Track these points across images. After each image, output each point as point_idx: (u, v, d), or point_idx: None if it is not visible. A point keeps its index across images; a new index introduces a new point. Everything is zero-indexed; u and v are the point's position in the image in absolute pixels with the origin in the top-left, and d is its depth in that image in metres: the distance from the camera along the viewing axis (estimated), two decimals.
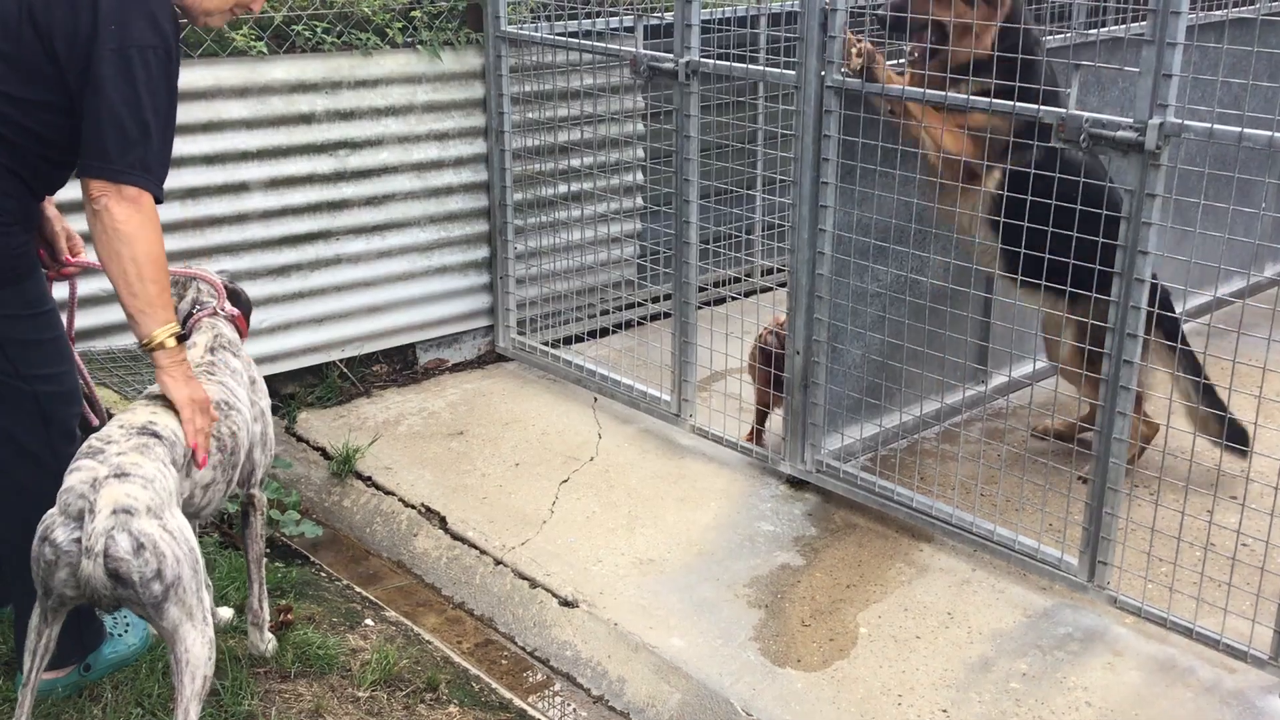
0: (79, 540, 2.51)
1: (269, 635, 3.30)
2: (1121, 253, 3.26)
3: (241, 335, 3.23)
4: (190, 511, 2.84)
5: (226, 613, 3.40)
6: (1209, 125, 3.10)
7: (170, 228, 4.53)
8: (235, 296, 3.31)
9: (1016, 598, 3.65)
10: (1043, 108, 3.38)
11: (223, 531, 4.08)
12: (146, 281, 2.72)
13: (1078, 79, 3.40)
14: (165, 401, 2.82)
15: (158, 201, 2.76)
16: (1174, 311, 4.03)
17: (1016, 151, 3.70)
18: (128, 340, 4.51)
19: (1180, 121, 3.13)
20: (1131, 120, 3.18)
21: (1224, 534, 3.49)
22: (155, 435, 2.70)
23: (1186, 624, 3.35)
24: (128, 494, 2.53)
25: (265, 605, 3.28)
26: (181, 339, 2.84)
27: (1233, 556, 3.37)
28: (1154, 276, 3.33)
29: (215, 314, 3.20)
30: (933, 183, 3.96)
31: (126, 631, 3.22)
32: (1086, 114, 3.25)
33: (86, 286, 4.42)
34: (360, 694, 3.25)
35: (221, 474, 2.94)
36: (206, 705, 3.02)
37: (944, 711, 3.23)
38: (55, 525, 2.56)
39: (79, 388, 3.05)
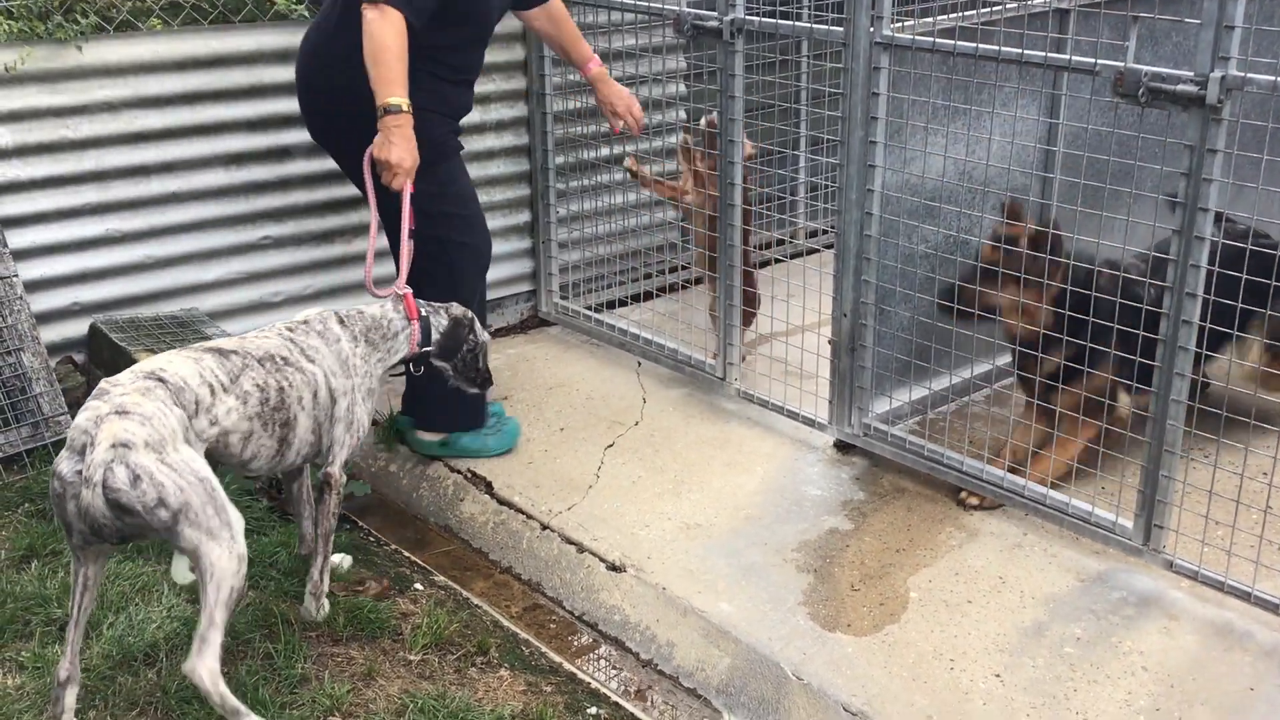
0: (80, 472, 2.62)
1: (324, 603, 3.32)
2: (1181, 210, 3.19)
3: (410, 315, 3.41)
4: (234, 461, 3.00)
5: (345, 560, 3.61)
6: (1273, 78, 3.01)
7: (214, 194, 4.55)
8: (455, 324, 3.56)
9: (1069, 562, 3.61)
10: (1099, 61, 3.30)
11: (270, 496, 4.10)
12: (379, 64, 3.51)
13: (1135, 32, 3.31)
14: (190, 353, 2.97)
15: (411, 24, 3.55)
16: None
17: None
18: (173, 307, 4.54)
19: (1243, 75, 3.04)
20: (1192, 74, 3.09)
21: None
22: (160, 380, 2.81)
23: (1244, 587, 3.30)
24: (125, 429, 2.64)
25: (326, 577, 3.32)
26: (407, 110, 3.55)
27: None
28: None
29: (408, 297, 3.43)
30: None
31: (492, 434, 4.27)
32: (1145, 68, 3.17)
33: (131, 255, 4.46)
34: (411, 657, 3.26)
35: (262, 426, 3.00)
36: (260, 668, 3.05)
37: (997, 676, 3.20)
38: (61, 460, 2.68)
39: (485, 246, 4.08)
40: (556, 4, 4.37)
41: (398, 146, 3.54)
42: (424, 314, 3.45)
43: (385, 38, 3.50)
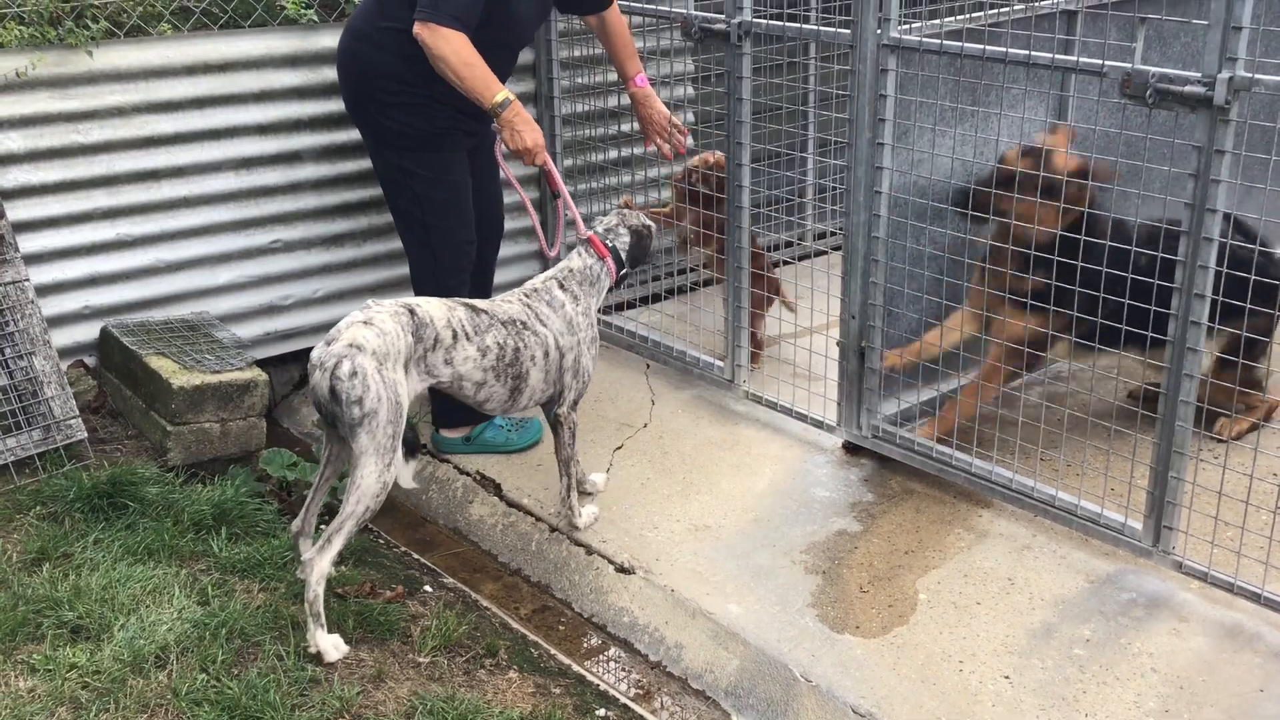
0: (320, 357, 3.18)
1: (577, 513, 3.88)
2: (1189, 210, 3.19)
3: (600, 253, 3.81)
4: (470, 401, 3.55)
5: (599, 478, 4.11)
6: None
7: (224, 198, 4.57)
8: (637, 236, 3.93)
9: (1079, 563, 3.60)
10: (1107, 62, 3.30)
11: (280, 498, 4.12)
12: (466, 78, 3.73)
13: (1143, 33, 3.31)
14: (448, 302, 3.48)
15: (462, 28, 3.71)
16: None
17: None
18: (183, 311, 4.56)
19: (1251, 75, 3.03)
20: (1199, 75, 3.09)
21: None
22: (411, 311, 3.35)
23: (1254, 589, 3.29)
24: (363, 335, 3.19)
25: (574, 494, 3.89)
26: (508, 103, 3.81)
27: None
28: None
29: (593, 238, 3.84)
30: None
31: (514, 430, 4.37)
32: (1153, 69, 3.17)
33: (142, 259, 4.48)
34: (421, 659, 3.27)
35: (495, 378, 3.53)
36: (269, 672, 3.07)
37: (1006, 678, 3.20)
38: (317, 346, 3.24)
39: (466, 241, 4.18)
40: (613, 15, 4.39)
41: (524, 133, 3.85)
42: (611, 245, 3.85)
43: (458, 53, 3.72)
